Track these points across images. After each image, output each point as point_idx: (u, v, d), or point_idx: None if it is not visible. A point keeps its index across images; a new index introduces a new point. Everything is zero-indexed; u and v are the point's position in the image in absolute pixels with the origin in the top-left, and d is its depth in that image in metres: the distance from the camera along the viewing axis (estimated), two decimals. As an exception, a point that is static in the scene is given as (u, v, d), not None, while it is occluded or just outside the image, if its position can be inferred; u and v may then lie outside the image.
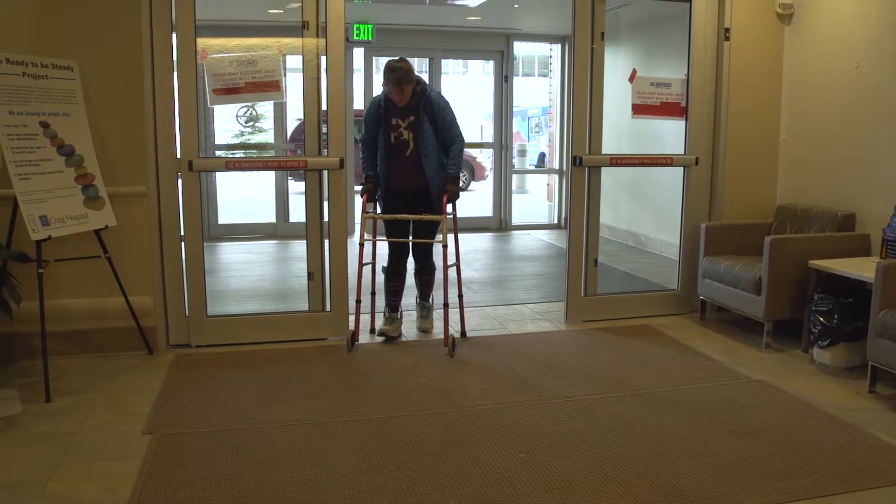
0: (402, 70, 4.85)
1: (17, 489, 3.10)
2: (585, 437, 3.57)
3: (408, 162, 5.01)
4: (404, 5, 9.10)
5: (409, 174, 5.03)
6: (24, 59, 4.24)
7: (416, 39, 10.63)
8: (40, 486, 3.11)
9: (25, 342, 4.55)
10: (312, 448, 3.46)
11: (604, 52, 5.44)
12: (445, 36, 10.61)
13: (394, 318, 5.24)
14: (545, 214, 11.62)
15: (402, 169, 5.03)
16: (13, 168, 4.09)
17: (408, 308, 5.52)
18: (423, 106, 4.94)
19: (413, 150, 4.98)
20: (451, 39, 10.71)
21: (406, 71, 4.86)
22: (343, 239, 5.10)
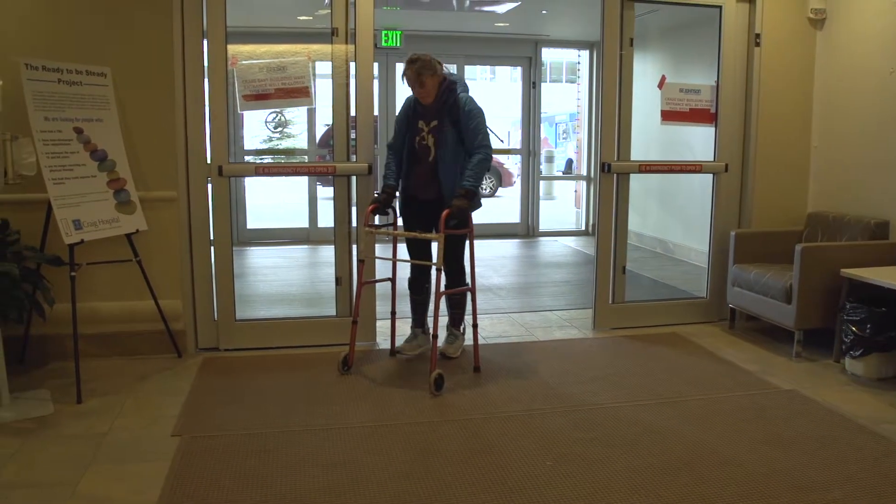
0: (421, 60, 4.48)
1: (48, 489, 3.14)
2: (613, 445, 3.55)
3: (427, 169, 4.62)
4: (433, 12, 9.12)
5: (426, 183, 4.64)
6: (59, 66, 4.31)
7: (444, 46, 10.63)
8: (71, 486, 3.15)
9: (58, 344, 4.62)
10: (339, 453, 3.47)
11: (633, 59, 5.42)
12: (473, 42, 10.63)
13: (416, 333, 4.97)
14: (572, 221, 11.59)
15: (422, 176, 4.65)
16: (48, 173, 4.14)
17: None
18: (448, 108, 4.56)
19: (434, 157, 4.59)
20: (478, 46, 10.73)
21: (426, 62, 4.47)
22: (371, 244, 5.11)
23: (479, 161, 4.48)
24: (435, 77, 4.51)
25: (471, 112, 4.54)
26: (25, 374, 4.46)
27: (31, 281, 4.33)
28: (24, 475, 3.26)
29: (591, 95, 10.77)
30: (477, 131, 4.52)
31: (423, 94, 4.53)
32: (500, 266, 8.38)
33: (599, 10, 5.32)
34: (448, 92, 4.57)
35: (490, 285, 7.21)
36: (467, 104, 4.56)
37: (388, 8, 8.79)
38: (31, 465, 3.36)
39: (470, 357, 4.72)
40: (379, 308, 5.27)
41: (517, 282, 7.59)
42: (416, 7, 8.86)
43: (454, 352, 4.88)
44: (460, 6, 9.05)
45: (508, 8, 8.94)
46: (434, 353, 4.35)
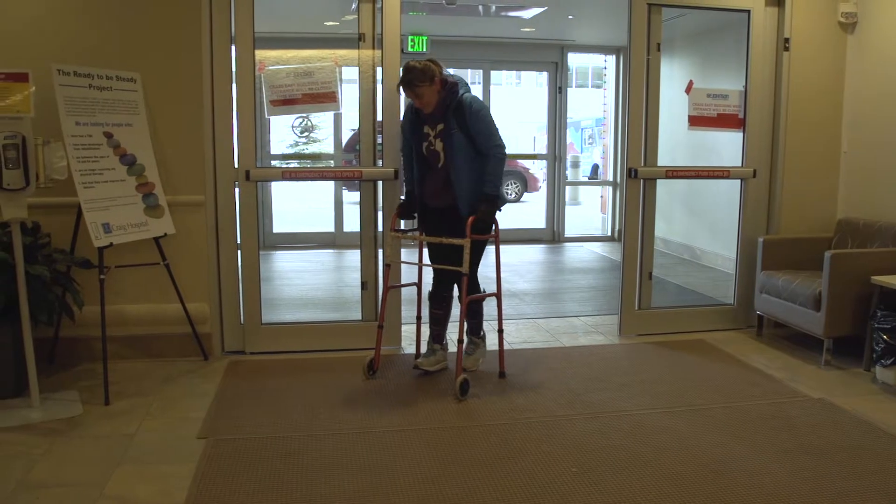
0: (414, 71, 4.25)
1: (77, 489, 3.17)
2: (639, 452, 3.52)
3: (439, 175, 4.45)
4: (458, 17, 9.13)
5: (440, 189, 4.46)
6: (90, 71, 4.36)
7: (469, 51, 10.67)
8: (99, 487, 3.18)
9: (87, 346, 4.68)
10: (364, 457, 3.48)
11: (660, 63, 5.39)
12: (499, 47, 10.64)
13: (434, 349, 4.74)
14: (598, 226, 11.54)
15: (434, 183, 4.48)
16: (78, 177, 4.19)
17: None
18: (453, 110, 4.32)
19: (444, 163, 4.40)
20: (504, 51, 10.73)
21: (419, 71, 4.24)
22: (397, 248, 5.12)
23: (495, 163, 4.35)
24: (432, 86, 4.29)
25: (477, 113, 4.33)
26: (55, 375, 4.52)
27: (62, 283, 4.39)
28: (53, 475, 3.30)
29: (618, 100, 10.74)
30: (487, 133, 4.34)
31: (423, 105, 4.34)
32: (526, 271, 8.37)
33: (626, 15, 5.30)
34: (450, 95, 4.35)
35: (515, 291, 7.19)
36: (472, 104, 4.34)
37: (414, 13, 8.82)
38: (60, 464, 3.40)
39: (495, 363, 4.70)
40: (405, 313, 5.28)
41: (542, 287, 7.57)
42: (442, 12, 8.87)
43: (472, 364, 4.73)
44: (486, 11, 9.06)
45: (534, 13, 8.94)
46: (459, 358, 4.32)
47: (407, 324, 5.30)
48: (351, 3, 7.17)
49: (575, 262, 9.22)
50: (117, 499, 3.10)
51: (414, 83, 4.25)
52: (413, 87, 4.27)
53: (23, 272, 3.94)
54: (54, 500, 3.09)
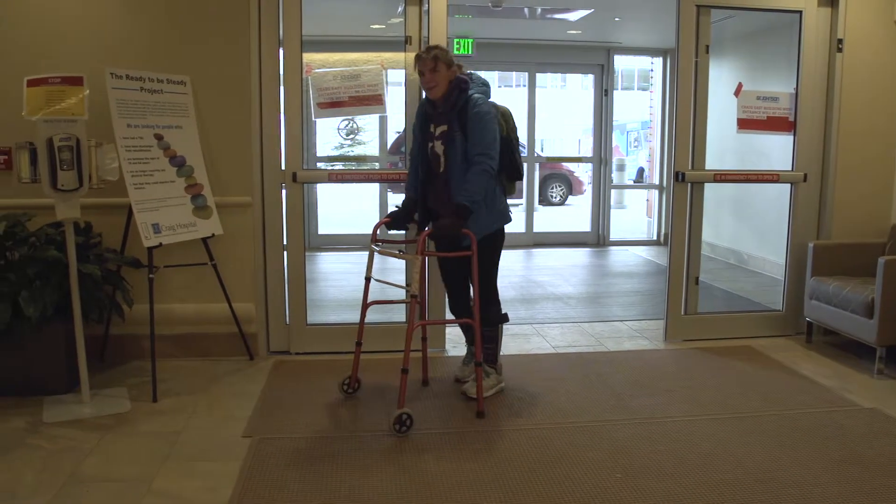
0: (439, 48, 4.07)
1: (125, 484, 3.23)
2: (685, 460, 3.48)
3: (439, 181, 4.14)
4: (504, 19, 9.12)
5: (439, 195, 4.16)
6: (142, 74, 4.44)
7: (515, 53, 10.65)
8: (147, 482, 3.24)
9: (136, 344, 4.76)
10: (406, 458, 3.48)
11: (708, 66, 5.32)
12: (544, 50, 10.60)
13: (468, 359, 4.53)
14: (644, 230, 11.42)
15: (435, 188, 4.19)
16: (129, 178, 4.27)
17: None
18: (458, 110, 4.00)
19: (444, 168, 4.09)
20: (550, 53, 10.69)
21: (444, 50, 4.04)
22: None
23: (475, 174, 3.90)
24: (450, 69, 4.01)
25: (477, 115, 3.95)
26: (104, 372, 4.61)
27: (112, 282, 4.47)
28: (102, 469, 3.37)
29: (665, 103, 10.63)
30: (478, 137, 3.93)
31: (432, 82, 4.01)
32: (570, 275, 8.32)
33: (674, 17, 5.24)
34: (458, 92, 4.02)
35: (560, 294, 7.16)
36: (476, 104, 3.98)
37: (460, 16, 8.83)
38: (109, 459, 3.47)
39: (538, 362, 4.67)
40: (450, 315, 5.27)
41: (587, 291, 7.51)
42: (488, 15, 8.86)
43: (466, 375, 4.42)
44: (532, 14, 9.03)
45: (581, 15, 8.88)
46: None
47: (452, 326, 5.31)
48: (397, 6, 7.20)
49: (620, 266, 9.14)
50: (164, 494, 3.15)
51: (438, 56, 3.98)
52: (436, 60, 3.98)
53: (75, 271, 4.02)
54: (103, 493, 3.15)
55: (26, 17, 4.60)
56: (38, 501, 3.07)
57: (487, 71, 20.45)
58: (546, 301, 6.86)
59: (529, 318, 6.16)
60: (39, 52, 4.58)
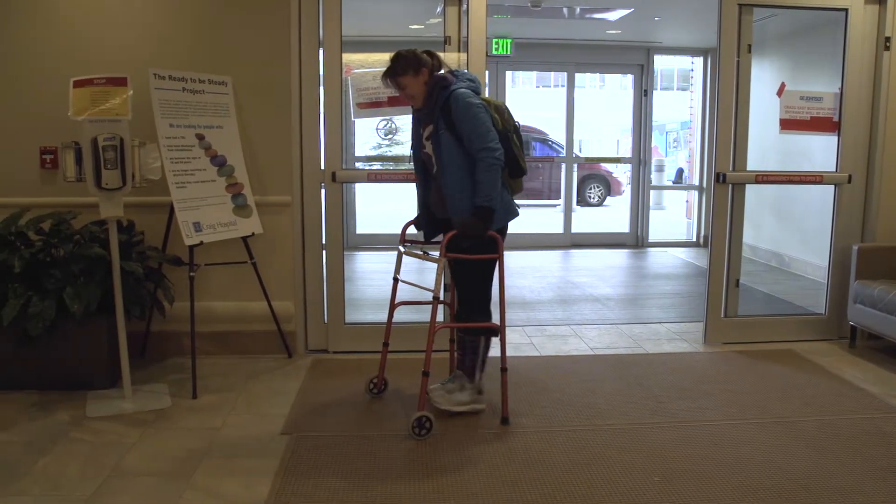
0: (397, 59, 3.81)
1: (165, 478, 3.28)
2: (724, 464, 3.43)
3: (435, 183, 3.97)
4: (543, 19, 9.09)
5: (437, 198, 3.99)
6: (184, 75, 4.50)
7: (553, 53, 10.62)
8: (186, 477, 3.28)
9: (176, 341, 4.82)
10: (444, 459, 3.49)
11: (750, 65, 5.25)
12: (583, 49, 10.55)
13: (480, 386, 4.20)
14: (683, 231, 11.31)
15: (434, 191, 4.02)
16: (171, 177, 4.33)
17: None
18: (441, 109, 3.78)
19: (437, 169, 3.91)
20: (589, 53, 10.63)
21: (403, 59, 3.79)
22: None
23: (482, 170, 3.69)
24: (417, 77, 3.80)
25: (463, 110, 3.70)
26: (145, 369, 4.68)
27: (154, 280, 4.54)
28: (143, 464, 3.42)
29: (705, 103, 10.51)
30: (473, 133, 3.70)
31: (409, 97, 3.87)
32: (609, 276, 8.26)
33: (716, 16, 5.18)
34: (438, 90, 3.80)
35: (598, 295, 7.11)
36: (459, 99, 3.72)
37: (499, 16, 8.82)
38: (149, 455, 3.52)
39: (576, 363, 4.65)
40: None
41: (625, 293, 7.46)
42: (527, 15, 8.84)
43: (445, 403, 3.97)
44: (571, 14, 8.99)
45: (620, 15, 8.83)
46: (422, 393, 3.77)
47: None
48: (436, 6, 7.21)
49: (659, 268, 9.06)
50: (203, 490, 3.18)
51: (396, 72, 3.79)
52: (394, 77, 3.81)
53: (118, 268, 4.09)
54: (144, 487, 3.20)
55: (72, 20, 4.69)
56: (81, 494, 3.13)
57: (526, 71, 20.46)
58: (584, 302, 6.82)
59: (567, 319, 6.13)
60: (85, 54, 4.66)
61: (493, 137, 3.71)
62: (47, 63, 4.68)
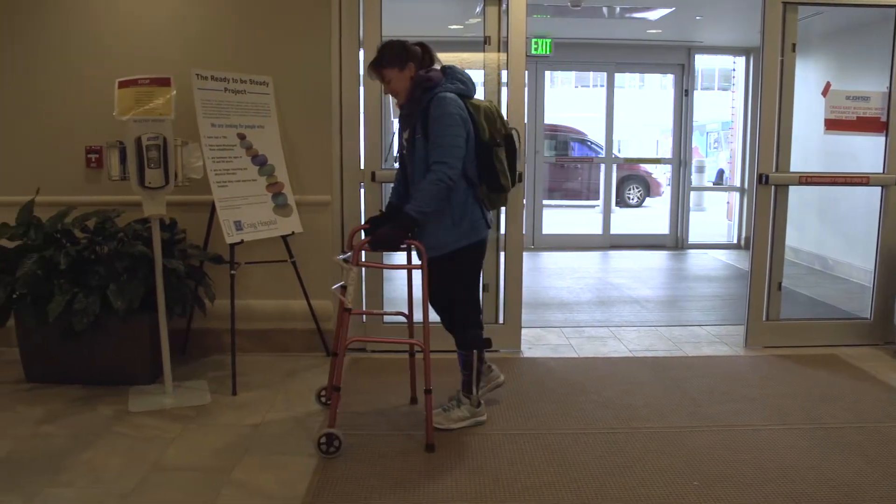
0: (383, 50, 3.64)
1: (205, 473, 3.32)
2: (765, 470, 3.38)
3: (412, 189, 3.67)
4: (582, 19, 9.04)
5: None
6: (226, 75, 4.55)
7: (593, 53, 10.56)
8: (226, 473, 3.32)
9: (216, 338, 4.88)
10: (481, 459, 3.48)
11: (794, 65, 5.17)
12: (623, 49, 10.46)
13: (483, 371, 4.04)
14: (723, 233, 11.17)
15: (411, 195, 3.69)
16: (213, 176, 4.37)
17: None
18: (422, 113, 3.56)
19: (412, 178, 3.68)
20: (628, 53, 10.55)
21: (390, 50, 3.61)
22: (519, 252, 5.10)
23: (427, 182, 3.45)
24: (403, 71, 3.59)
25: (435, 117, 3.47)
26: (186, 365, 4.74)
27: (195, 277, 4.60)
28: (183, 459, 3.47)
29: (747, 104, 10.37)
30: (436, 142, 3.46)
31: (393, 93, 3.67)
32: (648, 278, 8.19)
33: (759, 15, 5.11)
34: (421, 91, 3.58)
35: (637, 297, 7.06)
36: (437, 106, 3.49)
37: (538, 16, 8.79)
38: (190, 450, 3.57)
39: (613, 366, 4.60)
40: (526, 316, 5.27)
41: (665, 294, 7.39)
42: (567, 15, 8.80)
43: (445, 421, 3.80)
44: (611, 13, 8.93)
45: (661, 14, 8.74)
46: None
47: (527, 327, 5.30)
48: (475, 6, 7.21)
49: (699, 270, 8.96)
50: (242, 486, 3.22)
51: (380, 64, 3.61)
52: (378, 69, 3.62)
53: (160, 266, 4.15)
54: (184, 482, 3.24)
55: (117, 22, 4.78)
56: (123, 487, 3.18)
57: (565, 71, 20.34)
58: (622, 304, 6.77)
59: (606, 321, 6.09)
60: (129, 56, 4.74)
61: (455, 154, 3.46)
62: (93, 64, 4.77)
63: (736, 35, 9.91)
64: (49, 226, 4.39)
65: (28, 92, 4.85)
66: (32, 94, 4.85)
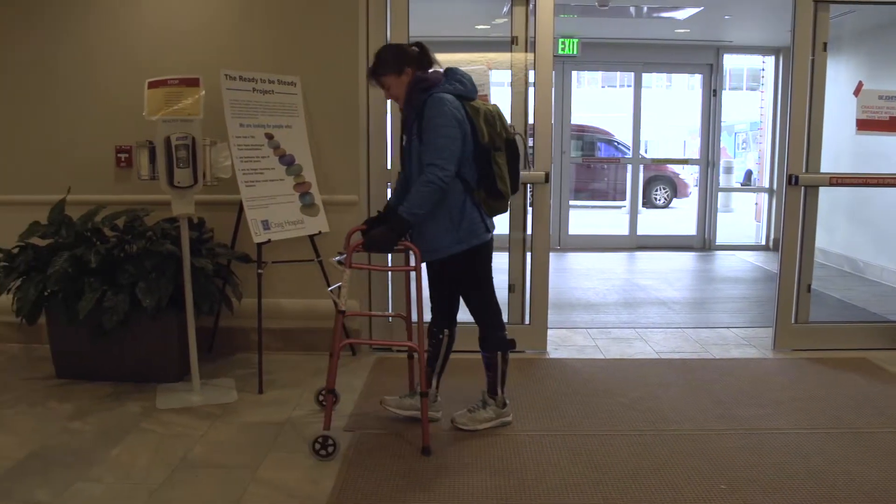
0: (380, 57, 3.61)
1: (231, 470, 3.35)
2: (793, 474, 3.34)
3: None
4: (610, 18, 9.00)
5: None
6: (254, 75, 4.57)
7: (620, 53, 10.50)
8: (252, 470, 3.34)
9: (243, 336, 4.91)
10: (505, 459, 3.48)
11: (825, 64, 5.10)
12: (651, 49, 10.40)
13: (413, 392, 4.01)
14: (751, 235, 11.07)
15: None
16: (241, 175, 4.40)
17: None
18: (417, 115, 3.52)
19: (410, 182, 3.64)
20: (656, 53, 10.48)
21: (386, 55, 3.60)
22: (546, 253, 5.08)
23: (419, 184, 3.42)
24: (401, 77, 3.57)
25: (429, 119, 3.43)
26: (213, 363, 4.77)
27: (223, 276, 4.63)
28: (210, 456, 3.49)
29: (776, 104, 10.27)
30: (429, 144, 3.42)
31: (393, 98, 3.68)
32: (675, 279, 8.13)
33: (789, 14, 5.05)
34: (418, 92, 3.53)
35: (664, 299, 7.01)
36: (432, 107, 3.44)
37: (565, 16, 8.76)
38: (216, 447, 3.59)
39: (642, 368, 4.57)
40: (552, 317, 5.25)
41: (692, 296, 7.33)
42: (594, 14, 8.76)
43: (470, 422, 3.80)
44: (638, 13, 8.89)
45: (689, 14, 8.68)
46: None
47: (553, 328, 5.29)
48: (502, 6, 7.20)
49: (726, 271, 8.89)
50: (267, 483, 3.24)
51: (377, 72, 3.60)
52: (377, 78, 3.62)
53: (189, 264, 4.18)
54: (211, 479, 3.27)
55: (147, 23, 4.83)
56: (151, 482, 3.21)
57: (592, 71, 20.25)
58: (649, 305, 6.73)
59: (632, 323, 6.06)
60: (159, 56, 4.79)
61: (447, 156, 3.40)
62: (123, 65, 4.82)
63: (765, 34, 9.81)
64: (80, 224, 4.45)
65: (60, 92, 4.92)
66: (65, 94, 4.92)
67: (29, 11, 4.87)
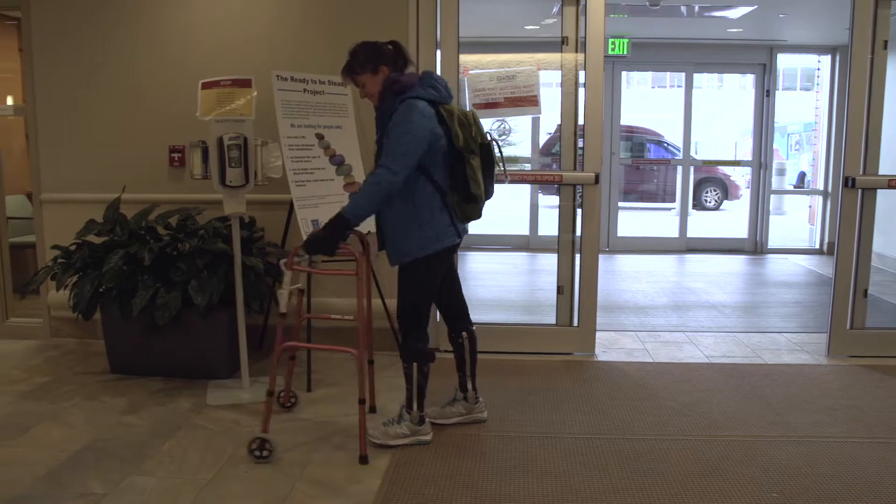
0: (355, 55, 3.57)
1: (279, 467, 3.38)
2: (849, 484, 3.26)
3: None
4: (660, 18, 8.90)
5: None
6: (305, 76, 4.61)
7: (671, 53, 10.38)
8: (300, 467, 3.38)
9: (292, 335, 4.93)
10: (553, 462, 3.46)
11: (885, 63, 4.98)
12: (701, 49, 10.27)
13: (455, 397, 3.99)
14: (805, 238, 10.85)
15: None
16: (291, 175, 4.44)
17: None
18: (388, 118, 3.43)
19: None
20: (707, 52, 10.34)
21: (361, 54, 3.55)
22: (595, 254, 5.04)
23: (366, 184, 3.37)
24: (376, 76, 3.51)
25: (395, 122, 3.35)
26: (262, 360, 4.82)
27: (273, 275, 4.67)
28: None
29: (832, 104, 10.05)
30: (389, 146, 3.35)
31: (368, 97, 3.60)
32: (725, 283, 8.01)
33: (847, 11, 4.93)
34: (390, 95, 3.46)
35: (714, 302, 6.91)
36: (399, 112, 3.36)
37: (615, 16, 8.69)
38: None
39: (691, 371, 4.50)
40: (600, 319, 5.21)
41: (743, 300, 7.22)
42: (644, 14, 8.68)
43: (381, 436, 3.63)
44: (690, 12, 8.77)
45: (742, 13, 8.55)
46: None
47: (602, 330, 5.24)
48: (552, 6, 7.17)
49: (779, 275, 8.72)
50: (314, 481, 3.26)
51: (353, 70, 3.55)
52: (351, 76, 3.57)
53: (240, 263, 4.23)
54: (259, 476, 3.30)
55: (200, 26, 4.90)
56: (201, 477, 3.26)
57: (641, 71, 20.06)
58: (699, 309, 6.64)
59: (682, 326, 5.98)
60: (212, 57, 4.86)
61: (403, 163, 3.31)
62: (177, 66, 4.90)
63: (821, 33, 9.61)
64: (134, 223, 4.54)
65: (116, 93, 5.03)
66: (120, 95, 5.03)
67: (88, 13, 4.98)
